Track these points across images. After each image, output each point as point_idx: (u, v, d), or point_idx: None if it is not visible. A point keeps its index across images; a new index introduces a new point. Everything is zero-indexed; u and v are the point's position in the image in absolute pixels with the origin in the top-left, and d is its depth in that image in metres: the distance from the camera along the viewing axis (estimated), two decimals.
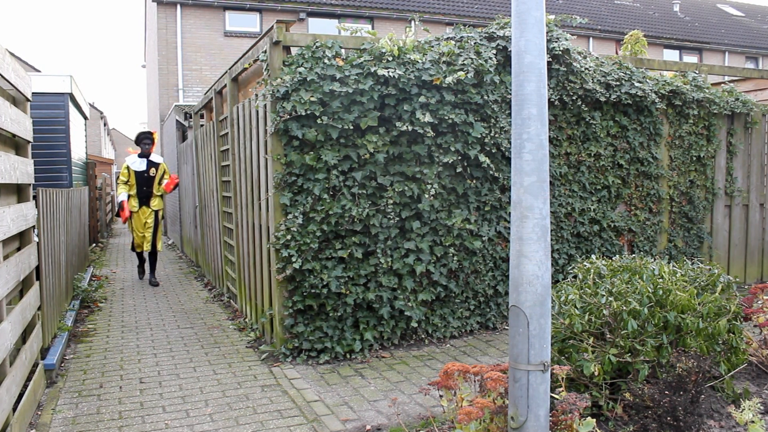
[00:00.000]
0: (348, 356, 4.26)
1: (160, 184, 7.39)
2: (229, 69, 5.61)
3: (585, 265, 3.39)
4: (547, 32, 4.90)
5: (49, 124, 8.83)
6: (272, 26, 4.14)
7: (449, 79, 4.32)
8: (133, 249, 7.63)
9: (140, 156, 7.37)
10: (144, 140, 7.39)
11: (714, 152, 5.96)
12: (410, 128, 4.27)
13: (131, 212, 7.32)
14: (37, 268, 4.02)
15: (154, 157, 7.48)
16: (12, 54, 9.68)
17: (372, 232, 4.31)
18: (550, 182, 4.98)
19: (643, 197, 5.57)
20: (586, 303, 2.99)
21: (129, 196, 7.34)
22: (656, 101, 5.44)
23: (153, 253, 7.53)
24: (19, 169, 3.34)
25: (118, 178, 7.58)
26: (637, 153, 5.45)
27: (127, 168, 7.38)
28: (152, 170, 7.41)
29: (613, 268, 3.30)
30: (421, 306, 4.50)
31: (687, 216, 5.84)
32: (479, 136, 4.55)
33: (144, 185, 7.31)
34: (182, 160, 9.87)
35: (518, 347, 2.34)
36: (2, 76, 3.09)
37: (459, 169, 4.51)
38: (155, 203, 7.41)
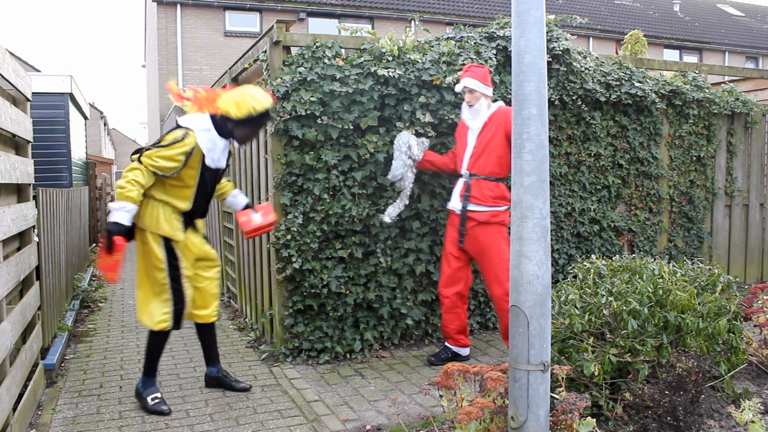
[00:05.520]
0: (348, 356, 4.26)
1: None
2: (229, 69, 5.61)
3: (585, 265, 3.39)
4: (547, 32, 4.89)
5: (49, 124, 8.83)
6: (272, 26, 4.14)
7: (449, 79, 4.32)
8: (174, 327, 3.48)
9: (222, 132, 3.39)
10: (264, 122, 3.46)
11: (714, 152, 5.96)
12: (410, 128, 4.26)
13: (172, 243, 3.37)
14: (37, 268, 4.02)
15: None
16: (12, 54, 9.67)
17: (372, 231, 4.31)
18: (550, 182, 4.98)
19: (643, 197, 5.57)
20: (586, 303, 2.99)
21: (165, 210, 3.35)
22: (656, 101, 5.43)
23: (212, 325, 3.71)
24: (19, 169, 3.34)
25: (144, 166, 3.23)
26: (637, 153, 5.45)
27: (188, 152, 3.26)
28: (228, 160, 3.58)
29: (613, 268, 3.30)
30: (421, 306, 4.50)
31: (687, 216, 5.84)
32: None
33: (210, 192, 3.53)
34: None
35: (518, 347, 2.34)
36: (2, 76, 3.09)
37: None
38: (201, 223, 3.61)
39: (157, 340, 3.50)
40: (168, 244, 3.37)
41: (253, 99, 3.33)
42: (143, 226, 3.36)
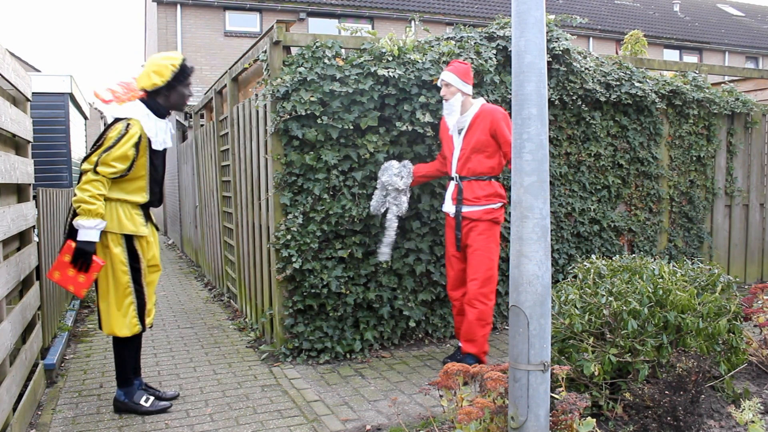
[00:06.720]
0: (348, 356, 4.26)
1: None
2: (229, 69, 5.61)
3: (585, 265, 3.39)
4: (547, 32, 4.89)
5: (49, 124, 8.82)
6: (272, 26, 4.14)
7: None
8: (142, 329, 3.36)
9: (158, 112, 3.33)
10: (187, 75, 3.41)
11: (714, 152, 5.96)
12: (410, 128, 4.27)
13: (134, 242, 3.29)
14: (37, 268, 4.02)
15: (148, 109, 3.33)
16: (12, 54, 9.66)
17: (372, 231, 4.31)
18: (550, 182, 4.98)
19: (643, 197, 5.57)
20: (586, 303, 2.99)
21: (124, 207, 3.25)
22: (656, 101, 5.44)
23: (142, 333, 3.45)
24: (19, 169, 3.34)
25: (95, 167, 3.15)
26: (637, 153, 5.45)
27: (137, 143, 3.20)
28: None
29: (613, 268, 3.30)
30: (421, 306, 4.50)
31: (687, 216, 5.84)
32: None
33: (161, 176, 3.44)
34: (182, 160, 9.87)
35: (518, 347, 2.34)
36: (2, 76, 3.09)
37: None
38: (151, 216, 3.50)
39: (128, 347, 3.38)
40: (130, 244, 3.26)
41: (165, 59, 3.34)
42: (104, 230, 3.21)
